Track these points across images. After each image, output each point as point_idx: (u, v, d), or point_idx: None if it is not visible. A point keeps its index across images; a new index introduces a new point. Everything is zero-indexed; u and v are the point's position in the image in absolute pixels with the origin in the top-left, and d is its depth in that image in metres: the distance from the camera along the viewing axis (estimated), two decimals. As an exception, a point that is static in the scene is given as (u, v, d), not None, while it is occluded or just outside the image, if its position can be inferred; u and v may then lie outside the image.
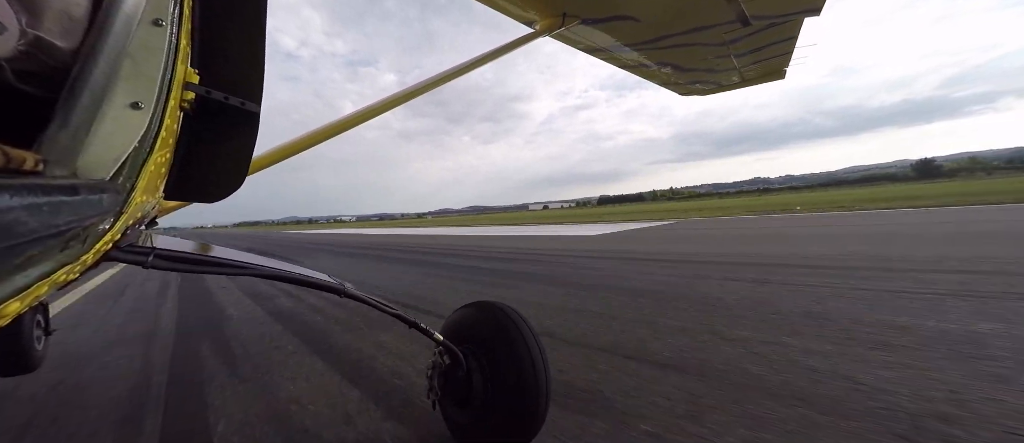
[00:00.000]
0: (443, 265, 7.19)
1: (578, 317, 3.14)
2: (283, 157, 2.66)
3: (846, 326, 2.58)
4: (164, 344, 3.03)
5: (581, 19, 3.57)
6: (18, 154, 0.40)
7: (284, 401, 1.90)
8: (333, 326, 3.25)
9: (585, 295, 3.91)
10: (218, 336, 3.17)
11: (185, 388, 2.15)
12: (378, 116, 2.90)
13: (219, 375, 2.29)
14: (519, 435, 1.53)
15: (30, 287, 0.43)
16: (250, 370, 2.34)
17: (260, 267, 1.23)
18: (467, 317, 1.76)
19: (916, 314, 2.74)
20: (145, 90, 0.62)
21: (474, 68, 3.41)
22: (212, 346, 2.90)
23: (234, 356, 2.63)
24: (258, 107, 0.98)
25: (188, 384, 2.20)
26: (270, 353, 2.64)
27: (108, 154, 0.54)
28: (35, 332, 2.92)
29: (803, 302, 3.21)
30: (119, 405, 1.99)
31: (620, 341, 2.53)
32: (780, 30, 3.93)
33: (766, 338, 2.44)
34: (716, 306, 3.22)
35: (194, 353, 2.75)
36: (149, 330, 3.50)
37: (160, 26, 0.66)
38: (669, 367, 2.10)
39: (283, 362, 2.45)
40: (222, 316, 3.85)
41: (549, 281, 4.89)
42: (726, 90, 5.90)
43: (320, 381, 2.11)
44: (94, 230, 0.54)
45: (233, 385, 2.12)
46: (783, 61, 4.82)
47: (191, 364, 2.53)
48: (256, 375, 2.25)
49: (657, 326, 2.79)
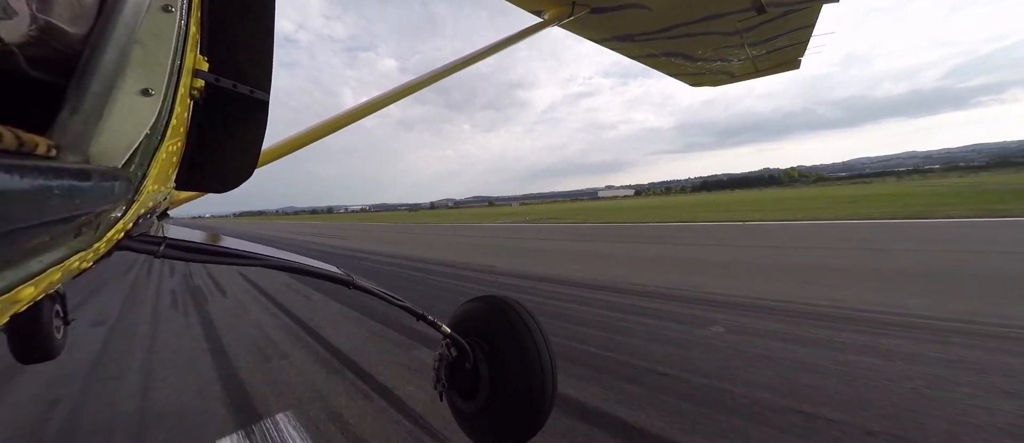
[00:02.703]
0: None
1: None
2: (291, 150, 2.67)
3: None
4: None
5: (591, 8, 3.50)
6: (30, 139, 0.39)
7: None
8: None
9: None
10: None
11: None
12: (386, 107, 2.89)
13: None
14: (525, 426, 1.54)
15: (44, 272, 0.43)
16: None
17: (270, 258, 1.24)
18: (474, 310, 1.76)
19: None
20: (155, 77, 0.61)
21: (481, 59, 3.37)
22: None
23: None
24: (267, 95, 0.98)
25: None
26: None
27: (120, 141, 0.54)
28: (54, 321, 3.01)
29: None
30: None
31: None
32: (797, 18, 3.82)
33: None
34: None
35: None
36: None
37: (170, 12, 0.66)
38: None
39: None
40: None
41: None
42: (739, 81, 5.77)
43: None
44: (106, 218, 0.54)
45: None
46: (799, 50, 4.69)
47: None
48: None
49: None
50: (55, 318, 3.02)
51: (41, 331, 2.85)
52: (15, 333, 2.83)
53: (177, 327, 4.76)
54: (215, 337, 4.28)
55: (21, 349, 2.87)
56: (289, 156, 2.44)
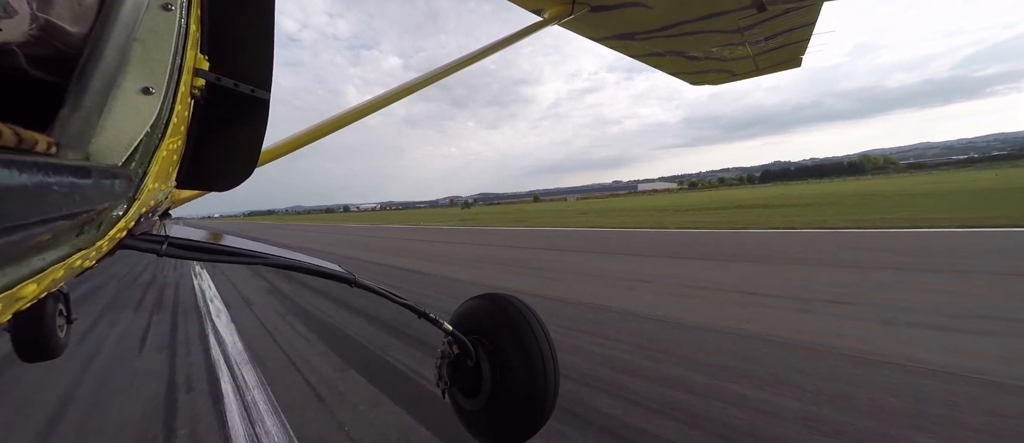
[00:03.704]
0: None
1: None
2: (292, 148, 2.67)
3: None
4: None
5: (591, 6, 3.50)
6: (30, 136, 0.39)
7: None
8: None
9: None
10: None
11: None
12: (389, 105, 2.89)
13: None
14: (527, 424, 1.54)
15: (46, 270, 0.43)
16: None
17: (272, 256, 1.24)
18: (476, 308, 1.76)
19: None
20: (155, 75, 0.61)
21: (482, 58, 3.37)
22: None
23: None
24: (268, 94, 0.98)
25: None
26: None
27: (120, 139, 0.54)
28: (57, 320, 3.02)
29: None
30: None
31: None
32: (798, 16, 3.81)
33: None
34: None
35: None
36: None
37: (169, 11, 0.66)
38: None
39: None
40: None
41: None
42: (740, 79, 5.76)
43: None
44: (108, 216, 0.54)
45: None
46: (799, 49, 4.68)
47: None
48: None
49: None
50: (58, 317, 3.03)
51: (44, 330, 2.86)
52: (18, 332, 2.85)
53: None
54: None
55: (24, 348, 2.88)
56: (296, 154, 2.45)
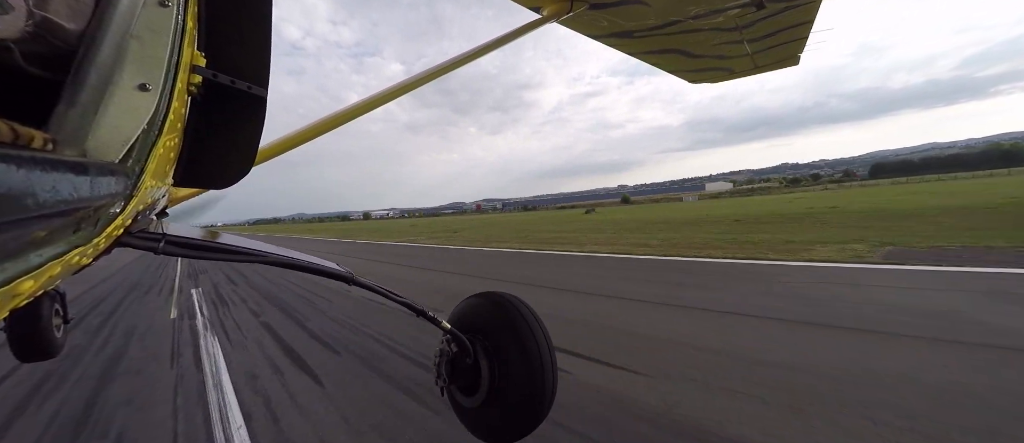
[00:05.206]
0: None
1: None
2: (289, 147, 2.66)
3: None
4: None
5: (589, 4, 3.49)
6: (26, 132, 0.39)
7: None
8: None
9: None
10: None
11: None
12: (384, 105, 2.88)
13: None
14: (525, 422, 1.55)
15: (44, 266, 0.43)
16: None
17: (269, 254, 1.24)
18: (474, 306, 1.77)
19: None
20: (152, 72, 0.61)
21: (480, 56, 3.36)
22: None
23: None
24: (265, 91, 0.97)
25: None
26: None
27: (117, 136, 0.54)
28: (54, 320, 3.01)
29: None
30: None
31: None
32: (796, 13, 3.81)
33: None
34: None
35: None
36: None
37: (166, 7, 0.65)
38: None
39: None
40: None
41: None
42: (738, 77, 5.76)
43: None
44: (105, 213, 0.54)
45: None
46: (797, 46, 4.68)
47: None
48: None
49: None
50: (55, 317, 3.02)
51: (41, 330, 2.85)
52: (15, 332, 2.84)
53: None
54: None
55: (21, 348, 2.87)
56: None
